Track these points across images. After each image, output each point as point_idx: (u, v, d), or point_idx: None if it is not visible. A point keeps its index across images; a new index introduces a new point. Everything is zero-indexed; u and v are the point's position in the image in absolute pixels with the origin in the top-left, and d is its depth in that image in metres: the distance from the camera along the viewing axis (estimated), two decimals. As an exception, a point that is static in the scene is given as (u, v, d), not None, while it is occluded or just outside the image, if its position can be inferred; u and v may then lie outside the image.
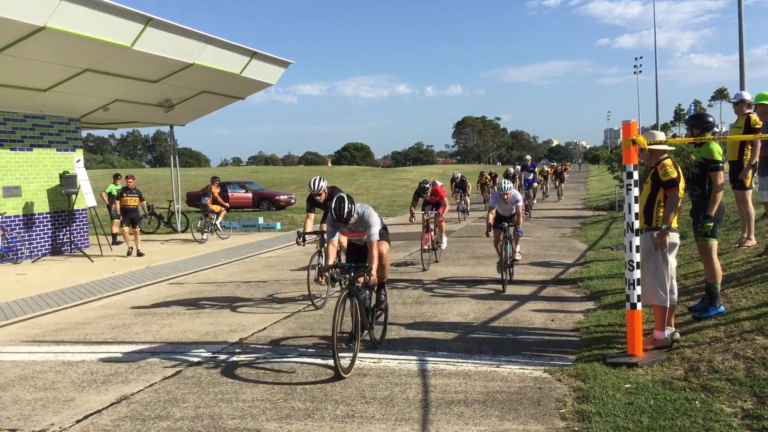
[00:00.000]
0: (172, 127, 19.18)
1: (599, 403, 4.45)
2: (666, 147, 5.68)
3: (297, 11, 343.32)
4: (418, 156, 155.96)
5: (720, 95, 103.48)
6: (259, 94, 52.99)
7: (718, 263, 6.13)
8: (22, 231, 13.62)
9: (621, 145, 5.71)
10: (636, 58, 77.41)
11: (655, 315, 5.64)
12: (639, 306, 5.34)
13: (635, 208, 5.37)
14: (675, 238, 5.64)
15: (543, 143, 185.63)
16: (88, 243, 15.16)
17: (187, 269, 11.94)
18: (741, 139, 7.51)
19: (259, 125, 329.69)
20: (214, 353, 6.26)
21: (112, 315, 8.23)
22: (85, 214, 15.28)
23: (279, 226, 19.64)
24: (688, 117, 9.35)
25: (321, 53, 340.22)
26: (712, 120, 6.37)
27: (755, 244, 8.09)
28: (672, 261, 5.63)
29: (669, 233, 5.48)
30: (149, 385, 5.34)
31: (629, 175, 5.36)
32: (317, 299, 8.36)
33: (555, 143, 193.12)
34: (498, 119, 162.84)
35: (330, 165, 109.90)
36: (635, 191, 5.36)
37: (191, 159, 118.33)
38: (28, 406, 4.98)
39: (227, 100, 17.74)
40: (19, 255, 13.42)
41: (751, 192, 8.13)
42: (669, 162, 5.58)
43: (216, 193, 17.34)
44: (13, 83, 12.18)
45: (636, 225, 5.36)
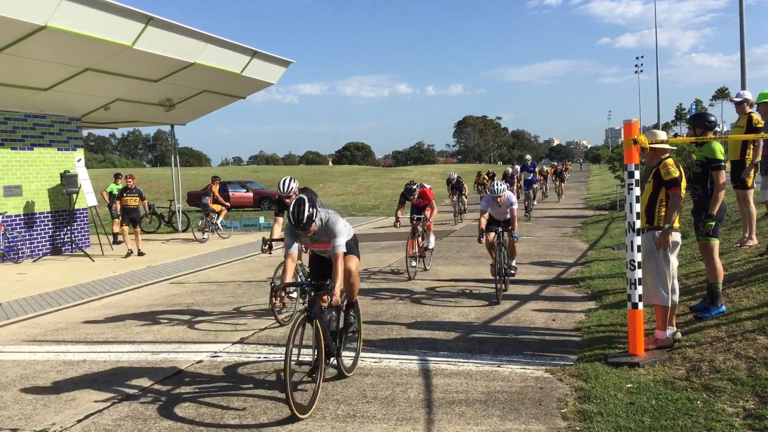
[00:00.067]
0: (172, 127, 19.19)
1: (601, 403, 4.45)
2: (667, 146, 5.68)
3: (297, 11, 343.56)
4: (419, 155, 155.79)
5: (721, 95, 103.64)
6: (260, 93, 52.96)
7: (719, 263, 6.13)
8: (23, 230, 13.63)
9: (622, 145, 5.70)
10: (637, 57, 77.30)
11: (657, 315, 5.64)
12: (640, 306, 5.33)
13: (637, 207, 5.36)
14: (677, 237, 5.63)
15: (544, 143, 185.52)
16: (89, 242, 15.18)
17: (188, 269, 11.95)
18: (743, 139, 7.50)
19: (260, 125, 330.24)
20: (215, 352, 6.26)
21: (113, 314, 8.23)
22: (86, 213, 15.29)
23: None
24: (690, 116, 9.32)
25: (321, 53, 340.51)
26: (714, 119, 6.36)
27: (757, 243, 8.09)
28: (673, 260, 5.62)
29: (671, 233, 5.48)
30: (150, 385, 5.33)
31: (630, 175, 5.35)
32: (282, 314, 7.40)
33: (556, 143, 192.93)
34: (499, 119, 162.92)
35: (331, 164, 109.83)
36: (637, 191, 5.35)
37: (192, 158, 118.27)
38: (29, 405, 4.97)
39: (228, 99, 17.75)
40: (20, 254, 13.43)
41: (753, 191, 8.13)
42: (671, 161, 5.57)
43: (217, 193, 17.36)
44: (14, 82, 12.19)
45: (637, 224, 5.35)
